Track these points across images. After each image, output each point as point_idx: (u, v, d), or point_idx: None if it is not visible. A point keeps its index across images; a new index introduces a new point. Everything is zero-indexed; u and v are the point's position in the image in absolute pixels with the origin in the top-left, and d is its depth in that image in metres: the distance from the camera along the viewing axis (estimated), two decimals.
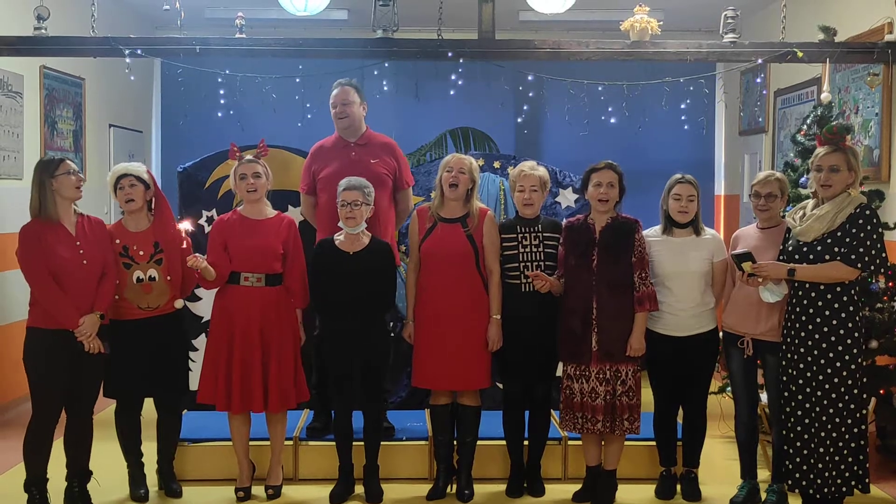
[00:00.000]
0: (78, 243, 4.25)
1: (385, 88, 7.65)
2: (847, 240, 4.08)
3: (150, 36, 7.44)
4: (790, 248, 4.26)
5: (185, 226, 4.51)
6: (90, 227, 4.35)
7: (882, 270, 4.16)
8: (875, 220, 4.11)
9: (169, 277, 4.47)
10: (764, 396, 4.72)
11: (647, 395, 4.59)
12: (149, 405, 4.64)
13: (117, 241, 4.41)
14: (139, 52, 5.51)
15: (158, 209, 4.55)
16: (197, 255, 4.40)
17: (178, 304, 4.55)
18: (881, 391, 5.14)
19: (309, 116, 7.37)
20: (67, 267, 4.19)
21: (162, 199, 4.57)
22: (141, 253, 4.42)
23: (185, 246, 4.50)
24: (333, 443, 4.68)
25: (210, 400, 4.51)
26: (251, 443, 4.69)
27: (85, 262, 4.24)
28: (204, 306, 5.60)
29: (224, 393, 4.46)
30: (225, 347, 4.47)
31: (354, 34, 7.08)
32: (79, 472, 4.43)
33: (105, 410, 5.90)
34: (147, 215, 4.52)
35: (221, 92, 6.23)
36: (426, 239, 4.58)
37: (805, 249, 4.18)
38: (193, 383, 5.13)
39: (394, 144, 5.12)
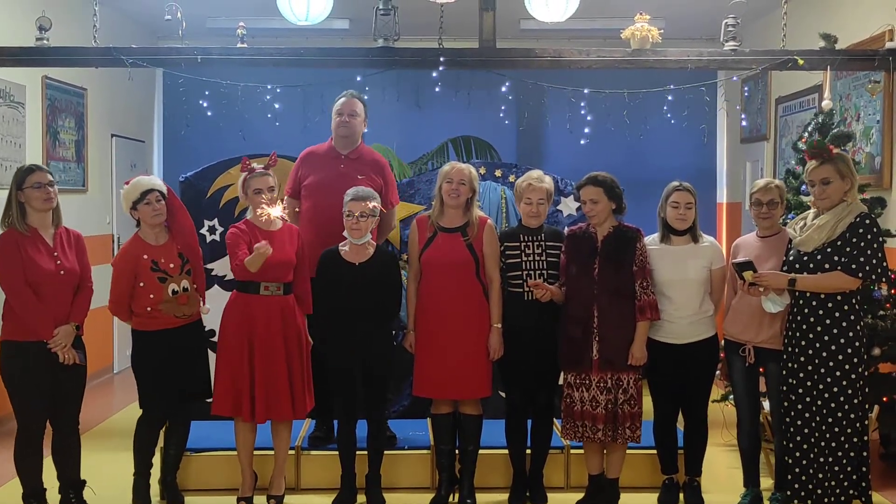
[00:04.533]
0: (56, 254, 4.25)
1: (386, 97, 7.65)
2: (847, 249, 4.08)
3: (151, 46, 7.46)
4: (791, 259, 4.26)
5: (277, 211, 4.40)
6: (68, 239, 4.35)
7: (883, 279, 4.16)
8: (875, 229, 4.11)
9: (195, 285, 4.52)
10: (766, 404, 4.71)
11: (647, 403, 4.59)
12: None
13: (145, 257, 4.40)
14: (141, 62, 5.52)
15: (175, 218, 4.54)
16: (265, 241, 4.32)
17: (205, 310, 4.61)
18: (884, 399, 5.13)
19: (317, 120, 7.35)
20: (45, 277, 4.18)
21: (180, 208, 4.59)
22: (171, 266, 4.44)
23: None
24: (336, 452, 4.68)
25: (230, 412, 4.45)
26: (254, 452, 4.67)
27: (62, 272, 4.24)
28: (209, 317, 5.58)
29: (248, 403, 4.41)
30: (247, 357, 4.42)
31: (355, 43, 7.09)
32: (71, 484, 4.43)
33: (105, 422, 5.91)
34: (164, 227, 4.53)
35: (223, 102, 6.24)
36: (426, 248, 4.57)
37: (806, 259, 4.18)
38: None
39: (384, 163, 5.12)
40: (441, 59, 5.61)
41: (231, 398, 4.44)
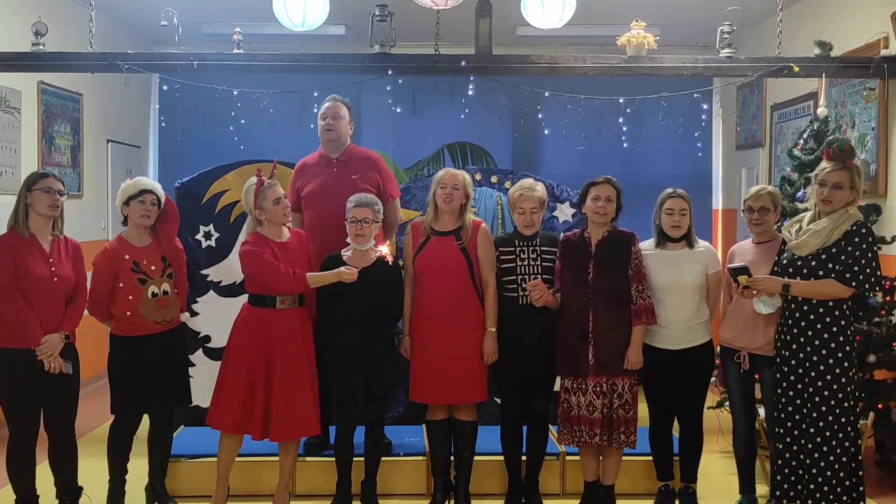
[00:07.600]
0: (51, 261, 4.24)
1: (382, 103, 7.65)
2: (842, 257, 4.08)
3: (147, 51, 7.46)
4: (784, 262, 4.27)
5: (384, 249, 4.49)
6: (66, 247, 4.33)
7: (877, 288, 4.16)
8: (870, 238, 4.11)
9: (176, 290, 4.50)
10: (762, 411, 4.71)
11: (643, 410, 4.58)
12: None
13: (127, 257, 4.37)
14: (137, 67, 5.52)
15: (165, 222, 4.52)
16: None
17: (185, 317, 4.58)
18: (879, 405, 5.13)
19: (312, 126, 7.35)
20: (37, 283, 4.16)
21: (175, 218, 4.58)
22: (153, 268, 4.41)
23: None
24: (331, 459, 4.66)
25: (234, 429, 4.36)
26: (246, 459, 4.66)
27: (55, 279, 4.22)
28: (201, 322, 5.59)
29: (259, 421, 4.31)
30: (263, 375, 4.34)
31: (352, 49, 7.09)
32: (68, 490, 4.41)
33: (100, 428, 5.89)
34: (149, 231, 4.51)
35: (219, 107, 6.24)
36: (420, 252, 4.58)
37: (799, 263, 4.18)
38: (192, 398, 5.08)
39: (377, 158, 5.09)
40: (437, 65, 5.62)
41: (238, 416, 4.34)
